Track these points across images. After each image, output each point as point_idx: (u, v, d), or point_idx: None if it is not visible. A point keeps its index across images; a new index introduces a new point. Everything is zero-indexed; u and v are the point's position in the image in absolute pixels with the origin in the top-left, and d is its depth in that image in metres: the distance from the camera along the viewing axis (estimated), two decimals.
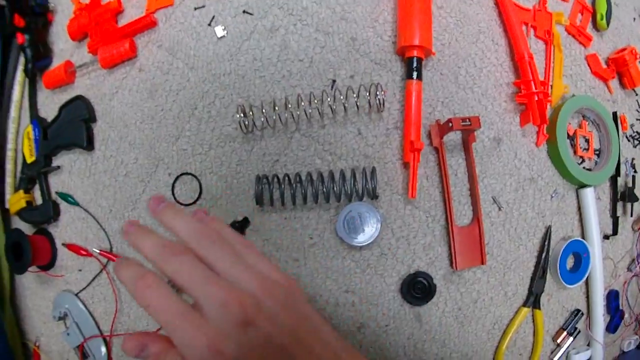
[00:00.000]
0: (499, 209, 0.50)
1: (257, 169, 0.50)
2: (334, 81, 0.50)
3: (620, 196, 0.57)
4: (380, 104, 0.47)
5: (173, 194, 0.52)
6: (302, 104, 0.48)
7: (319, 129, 0.49)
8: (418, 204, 0.49)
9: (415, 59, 0.48)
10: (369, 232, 0.47)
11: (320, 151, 0.49)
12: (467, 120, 0.45)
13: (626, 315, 0.59)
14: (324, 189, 0.47)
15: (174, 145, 0.52)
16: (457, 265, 0.48)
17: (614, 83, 0.60)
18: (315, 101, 0.48)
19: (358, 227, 0.47)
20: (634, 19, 0.64)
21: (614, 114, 0.57)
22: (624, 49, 0.59)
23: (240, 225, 0.49)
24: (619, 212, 0.58)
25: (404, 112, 0.48)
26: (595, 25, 0.59)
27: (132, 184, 0.53)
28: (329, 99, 0.48)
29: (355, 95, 0.47)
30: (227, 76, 0.51)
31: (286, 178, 0.47)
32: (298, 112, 0.48)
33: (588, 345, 0.56)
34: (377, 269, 0.48)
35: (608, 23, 0.58)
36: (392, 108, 0.50)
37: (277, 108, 0.48)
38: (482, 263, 0.49)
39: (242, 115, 0.48)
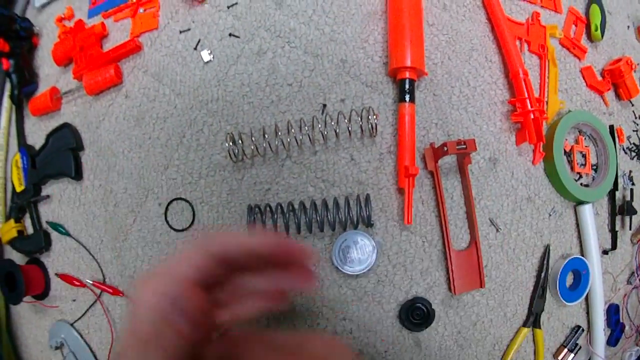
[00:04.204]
0: (497, 230, 0.49)
1: (248, 198, 0.49)
2: (324, 105, 0.49)
3: (619, 209, 0.57)
4: (372, 128, 0.46)
5: (166, 219, 0.51)
6: (293, 130, 0.47)
7: (311, 156, 0.48)
8: (414, 229, 0.48)
9: (407, 80, 0.47)
10: (364, 260, 0.46)
11: (313, 178, 0.48)
12: (463, 143, 0.44)
13: (627, 328, 0.58)
14: (318, 218, 0.46)
15: (163, 175, 0.51)
16: (455, 290, 0.47)
17: (609, 95, 0.58)
18: (306, 127, 0.46)
19: (353, 255, 0.46)
20: (628, 27, 0.63)
21: (611, 128, 0.56)
22: (619, 60, 0.58)
23: None
24: (618, 226, 0.57)
25: (398, 136, 0.47)
26: (589, 37, 0.58)
27: (122, 214, 0.52)
28: (319, 125, 0.47)
29: (346, 120, 0.46)
30: (215, 102, 0.50)
31: (279, 207, 0.46)
32: (288, 139, 0.47)
33: None
34: (374, 296, 0.48)
35: (602, 33, 0.57)
36: (385, 132, 0.48)
37: (266, 135, 0.47)
38: (481, 286, 0.48)
39: (231, 143, 0.47)
